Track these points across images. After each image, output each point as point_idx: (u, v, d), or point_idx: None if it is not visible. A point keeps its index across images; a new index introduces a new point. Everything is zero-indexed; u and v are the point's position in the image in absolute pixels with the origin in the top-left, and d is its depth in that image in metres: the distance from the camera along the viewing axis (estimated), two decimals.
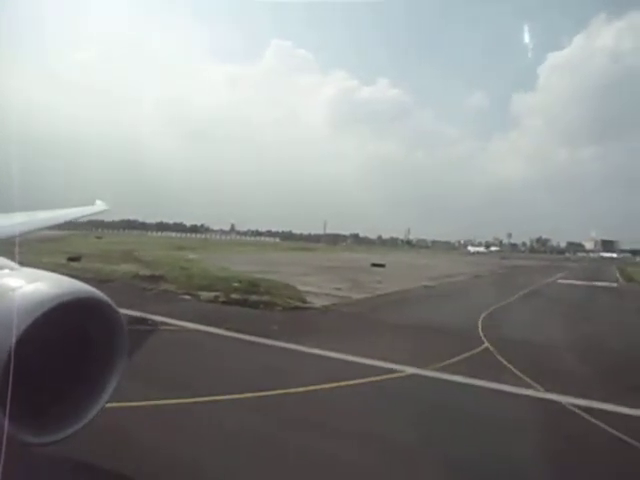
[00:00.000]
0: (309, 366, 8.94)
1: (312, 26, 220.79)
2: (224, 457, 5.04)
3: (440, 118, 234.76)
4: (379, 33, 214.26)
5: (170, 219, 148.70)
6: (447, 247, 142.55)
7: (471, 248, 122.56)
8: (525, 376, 8.55)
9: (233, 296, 16.01)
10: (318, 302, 16.29)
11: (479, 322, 14.06)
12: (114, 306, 2.72)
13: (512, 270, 47.19)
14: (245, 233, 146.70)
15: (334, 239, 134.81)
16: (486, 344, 11.13)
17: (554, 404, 7.30)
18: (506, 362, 9.56)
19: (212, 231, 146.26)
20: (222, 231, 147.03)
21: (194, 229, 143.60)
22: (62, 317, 2.43)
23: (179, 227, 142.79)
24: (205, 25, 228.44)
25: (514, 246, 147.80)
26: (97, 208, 11.00)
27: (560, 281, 35.62)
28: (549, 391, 7.79)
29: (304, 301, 16.20)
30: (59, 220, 8.32)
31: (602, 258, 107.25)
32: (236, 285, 17.94)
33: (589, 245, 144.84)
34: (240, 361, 9.18)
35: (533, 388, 7.98)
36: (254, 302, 15.34)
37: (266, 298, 15.84)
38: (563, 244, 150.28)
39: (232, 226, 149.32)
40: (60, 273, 2.86)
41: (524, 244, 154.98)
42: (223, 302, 15.42)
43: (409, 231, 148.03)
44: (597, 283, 34.60)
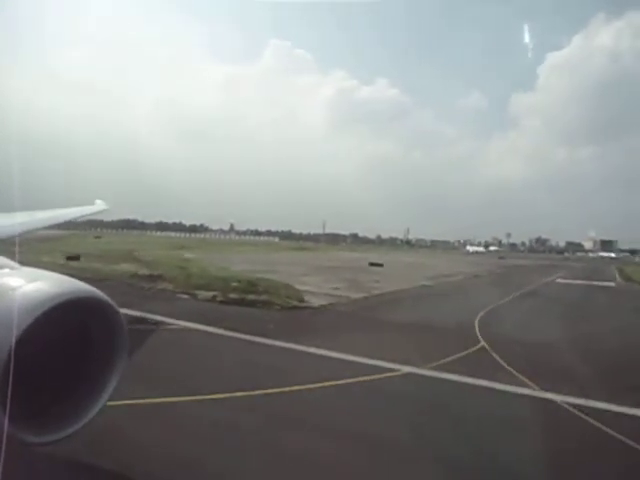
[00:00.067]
0: (305, 365, 8.99)
1: (311, 26, 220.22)
2: (217, 455, 5.08)
3: (439, 118, 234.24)
4: (378, 33, 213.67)
5: (169, 219, 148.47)
6: (446, 247, 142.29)
7: (470, 248, 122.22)
8: (521, 375, 8.63)
9: (231, 295, 16.06)
10: (316, 301, 16.37)
11: (476, 321, 14.14)
12: (114, 306, 2.72)
13: (511, 270, 47.21)
14: (244, 233, 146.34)
15: (333, 239, 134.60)
16: (482, 343, 11.21)
17: (549, 402, 7.38)
18: (502, 361, 9.63)
19: (211, 231, 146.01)
20: (221, 231, 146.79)
21: (193, 229, 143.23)
22: (62, 316, 2.43)
23: (178, 227, 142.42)
24: (204, 25, 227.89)
25: (513, 246, 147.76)
26: (97, 208, 11.01)
27: (559, 280, 35.68)
28: (544, 390, 7.87)
29: (302, 300, 16.27)
30: (59, 220, 8.32)
31: (601, 258, 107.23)
32: (235, 285, 18.00)
33: (588, 245, 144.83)
34: (235, 360, 9.21)
35: (528, 387, 8.06)
36: (252, 301, 15.41)
37: (264, 297, 15.89)
38: (562, 244, 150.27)
39: (231, 226, 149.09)
40: (59, 272, 2.86)
41: (523, 244, 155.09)
42: (221, 301, 15.49)
43: (408, 231, 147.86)
44: (596, 283, 34.69)
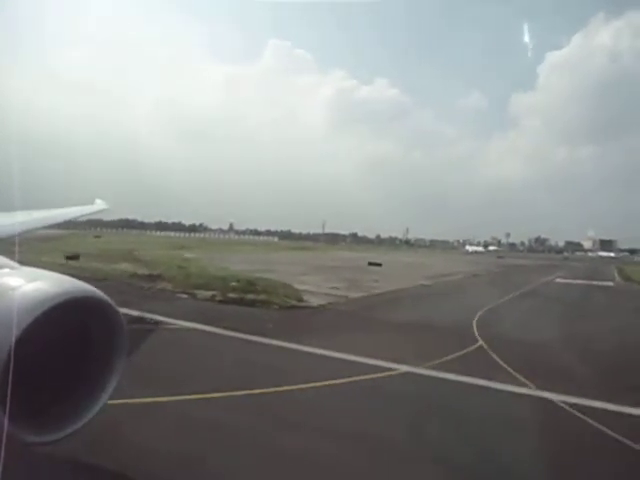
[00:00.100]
0: (304, 364, 9.03)
1: (311, 26, 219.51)
2: (216, 454, 5.10)
3: (439, 118, 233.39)
4: (378, 33, 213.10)
5: (169, 218, 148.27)
6: (445, 246, 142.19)
7: (469, 247, 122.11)
8: (518, 374, 8.67)
9: (231, 295, 16.09)
10: (315, 301, 16.41)
11: (474, 321, 14.18)
12: (114, 305, 2.73)
13: (510, 269, 47.25)
14: (244, 232, 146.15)
15: (333, 238, 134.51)
16: (480, 342, 11.25)
17: (546, 402, 7.42)
18: (500, 360, 9.68)
19: (211, 230, 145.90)
20: (221, 230, 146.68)
21: (193, 228, 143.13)
22: (62, 316, 2.43)
23: (178, 226, 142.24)
24: (204, 25, 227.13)
25: (512, 245, 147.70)
26: (96, 207, 11.02)
27: (558, 280, 35.70)
28: (541, 389, 7.91)
29: (301, 300, 16.30)
30: (59, 219, 8.32)
31: (600, 257, 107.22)
32: (234, 284, 18.03)
33: (587, 244, 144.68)
34: (234, 359, 9.23)
35: (525, 386, 8.11)
36: (251, 301, 15.43)
37: (263, 297, 15.93)
38: (561, 244, 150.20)
39: (231, 225, 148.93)
40: (58, 272, 2.86)
41: (522, 244, 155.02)
42: (220, 301, 15.52)
43: (407, 231, 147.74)
44: (595, 282, 34.71)
